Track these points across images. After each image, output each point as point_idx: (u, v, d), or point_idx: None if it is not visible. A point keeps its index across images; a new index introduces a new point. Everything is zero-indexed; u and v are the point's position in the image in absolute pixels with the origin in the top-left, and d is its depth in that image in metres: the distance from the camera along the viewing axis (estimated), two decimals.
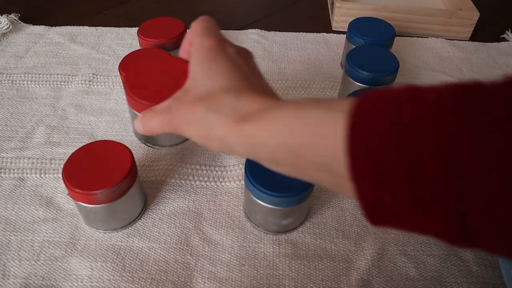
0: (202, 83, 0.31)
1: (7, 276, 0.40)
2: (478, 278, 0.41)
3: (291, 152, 0.25)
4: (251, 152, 0.28)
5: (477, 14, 0.72)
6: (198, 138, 0.31)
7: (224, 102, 0.29)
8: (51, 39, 0.71)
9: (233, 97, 0.29)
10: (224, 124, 0.28)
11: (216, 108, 0.29)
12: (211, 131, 0.29)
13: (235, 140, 0.28)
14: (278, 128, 0.26)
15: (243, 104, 0.29)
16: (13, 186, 0.48)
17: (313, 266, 0.42)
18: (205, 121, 0.29)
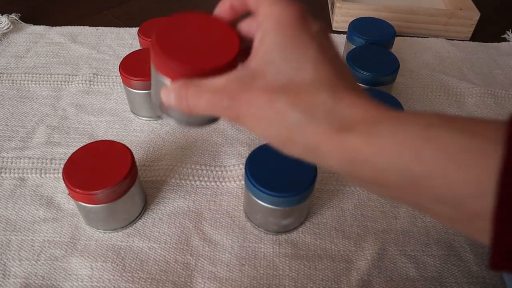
0: (281, 71, 0.25)
1: (8, 276, 0.40)
2: (478, 278, 0.41)
3: (410, 179, 0.21)
4: (350, 168, 0.23)
5: (477, 14, 0.72)
6: (273, 138, 0.26)
7: (317, 101, 0.24)
8: (52, 39, 0.71)
9: (328, 96, 0.24)
10: (317, 131, 0.23)
11: (305, 108, 0.24)
12: (296, 135, 0.24)
13: (331, 152, 0.23)
14: (398, 148, 0.21)
15: (343, 108, 0.23)
16: (13, 186, 0.48)
17: (313, 266, 0.42)
18: (288, 121, 0.24)
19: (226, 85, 0.26)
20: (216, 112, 0.27)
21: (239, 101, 0.26)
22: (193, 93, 0.27)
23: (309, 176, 0.40)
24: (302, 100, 0.24)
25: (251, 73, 0.26)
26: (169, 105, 0.29)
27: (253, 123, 0.26)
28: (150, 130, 0.56)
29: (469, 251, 0.43)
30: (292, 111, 0.24)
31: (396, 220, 0.46)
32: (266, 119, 0.25)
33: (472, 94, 0.63)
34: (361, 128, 0.22)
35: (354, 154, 0.23)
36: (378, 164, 0.22)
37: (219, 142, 0.54)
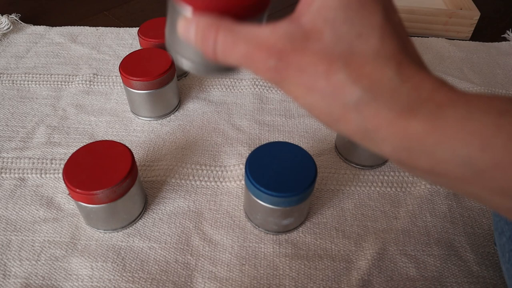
0: (341, 34, 0.21)
1: (8, 276, 0.40)
2: (478, 278, 0.41)
3: (474, 170, 0.19)
4: (405, 156, 0.21)
5: (477, 13, 0.72)
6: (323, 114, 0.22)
7: (382, 78, 0.21)
8: (52, 39, 0.71)
9: (394, 74, 0.21)
10: (378, 112, 0.21)
11: (369, 85, 0.21)
12: (353, 115, 0.21)
13: (389, 138, 0.21)
14: (465, 138, 0.19)
15: (410, 89, 0.21)
16: (13, 186, 0.48)
17: (313, 266, 0.42)
18: (347, 98, 0.21)
19: (273, 40, 0.22)
20: (254, 69, 0.23)
21: (289, 63, 0.21)
22: (225, 38, 0.22)
23: (309, 176, 0.40)
24: (366, 75, 0.21)
25: (305, 31, 0.22)
26: (188, 40, 0.24)
27: (302, 93, 0.22)
28: (150, 130, 0.56)
29: (470, 251, 0.43)
30: (353, 87, 0.21)
31: (396, 220, 0.46)
32: (320, 92, 0.21)
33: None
34: (425, 113, 0.20)
35: (414, 141, 0.20)
36: (440, 153, 0.20)
37: (219, 142, 0.54)
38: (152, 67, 0.53)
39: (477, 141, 0.19)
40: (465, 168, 0.19)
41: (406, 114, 0.20)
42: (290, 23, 0.22)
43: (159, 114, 0.57)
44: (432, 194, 0.48)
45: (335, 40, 0.21)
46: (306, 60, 0.21)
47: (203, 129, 0.56)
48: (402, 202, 0.48)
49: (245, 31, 0.22)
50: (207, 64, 0.26)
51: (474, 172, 0.19)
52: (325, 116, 0.22)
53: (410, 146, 0.20)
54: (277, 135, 0.55)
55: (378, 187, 0.49)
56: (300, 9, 0.23)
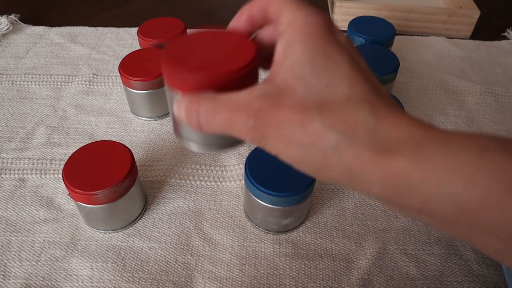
0: (311, 87, 0.22)
1: (8, 277, 0.40)
2: (479, 277, 0.41)
3: (461, 210, 0.19)
4: (394, 195, 0.21)
5: (477, 12, 0.72)
6: (305, 165, 0.23)
7: (357, 120, 0.21)
8: (51, 39, 0.71)
9: (368, 113, 0.21)
10: (359, 154, 0.21)
11: (344, 128, 0.21)
12: (334, 160, 0.21)
13: (374, 178, 0.21)
14: (448, 174, 0.19)
15: (386, 127, 0.21)
16: (13, 186, 0.48)
17: (313, 265, 0.42)
18: (324, 143, 0.21)
19: (250, 101, 0.23)
20: (237, 132, 0.23)
21: (266, 121, 0.22)
22: (206, 107, 0.23)
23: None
24: (341, 119, 0.21)
25: (278, 89, 0.23)
26: (181, 121, 0.26)
27: (283, 148, 0.22)
28: (150, 130, 0.56)
29: (470, 250, 0.43)
30: (329, 132, 0.21)
31: (396, 219, 0.46)
32: (299, 143, 0.22)
33: (472, 92, 0.63)
34: (407, 150, 0.20)
35: (399, 180, 0.20)
36: (426, 191, 0.20)
37: None
38: (152, 67, 0.53)
39: (459, 178, 0.19)
40: (452, 207, 0.19)
41: (387, 153, 0.20)
42: (265, 84, 0.23)
43: (159, 114, 0.57)
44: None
45: (307, 93, 0.22)
46: (281, 115, 0.22)
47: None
48: None
49: (224, 98, 0.23)
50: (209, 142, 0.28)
51: (460, 210, 0.19)
52: (308, 166, 0.22)
53: (397, 185, 0.20)
54: None
55: None
56: (273, 70, 0.24)
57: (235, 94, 0.23)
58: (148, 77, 0.52)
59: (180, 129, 0.28)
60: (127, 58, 0.55)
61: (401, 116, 0.21)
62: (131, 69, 0.53)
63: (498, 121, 0.59)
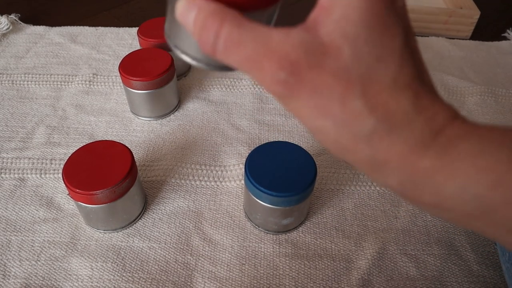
0: (361, 55, 0.19)
1: (8, 277, 0.40)
2: (479, 277, 0.41)
3: (483, 208, 0.19)
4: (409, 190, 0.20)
5: (477, 12, 0.72)
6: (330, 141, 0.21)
7: (398, 109, 0.19)
8: (51, 39, 0.71)
9: (410, 103, 0.19)
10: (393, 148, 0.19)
11: (384, 115, 0.19)
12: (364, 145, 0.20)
13: (398, 171, 0.20)
14: (477, 174, 0.18)
15: (423, 121, 0.19)
16: (13, 186, 0.48)
17: (313, 265, 0.42)
18: (360, 127, 0.19)
19: (286, 48, 0.19)
20: (259, 78, 0.20)
21: (302, 80, 0.19)
22: (230, 33, 0.19)
23: (309, 175, 0.40)
24: (382, 104, 0.19)
25: (322, 44, 0.19)
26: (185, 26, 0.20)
27: (312, 116, 0.20)
28: (150, 130, 0.55)
29: (470, 250, 0.43)
30: (368, 116, 0.19)
31: (396, 219, 0.46)
32: (333, 117, 0.19)
33: (472, 93, 0.63)
34: (437, 147, 0.19)
35: (422, 177, 0.19)
36: (449, 190, 0.19)
37: (219, 142, 0.54)
38: (151, 67, 0.53)
39: (489, 178, 0.18)
40: (474, 205, 0.19)
41: (419, 150, 0.19)
42: (306, 32, 0.20)
43: (158, 114, 0.57)
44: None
45: (355, 61, 0.19)
46: (321, 79, 0.19)
47: (203, 129, 0.56)
48: (402, 201, 0.48)
49: (254, 29, 0.19)
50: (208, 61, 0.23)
51: (484, 209, 0.18)
52: (332, 143, 0.20)
53: (417, 181, 0.19)
54: (277, 135, 0.55)
55: (378, 187, 0.49)
56: (316, 16, 0.20)
57: (269, 30, 0.19)
58: (148, 77, 0.52)
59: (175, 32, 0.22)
60: (127, 58, 0.55)
61: (439, 108, 0.20)
62: (131, 69, 0.53)
63: (498, 122, 0.59)
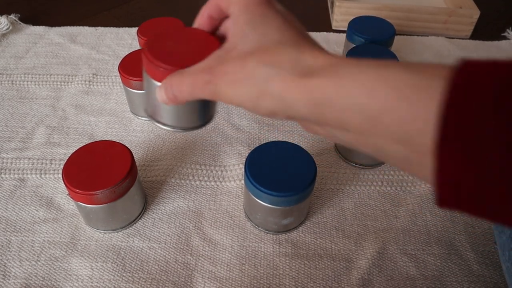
0: (251, 39, 0.28)
1: (8, 277, 0.40)
2: (479, 277, 0.41)
3: (367, 117, 0.22)
4: (316, 111, 0.25)
5: (477, 12, 0.72)
6: (246, 98, 0.27)
7: (283, 55, 0.26)
8: (51, 39, 0.71)
9: (293, 49, 0.26)
10: (285, 79, 0.25)
11: (273, 62, 0.26)
12: (266, 87, 0.26)
13: (297, 98, 0.25)
14: (356, 86, 0.23)
15: (307, 58, 0.26)
16: (13, 186, 0.48)
17: (313, 265, 0.42)
18: (258, 76, 0.26)
19: (205, 65, 0.29)
20: (197, 91, 0.29)
21: (216, 73, 0.28)
22: (176, 80, 0.30)
23: (309, 175, 0.40)
24: (272, 56, 0.26)
25: (226, 50, 0.29)
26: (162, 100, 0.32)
27: (229, 90, 0.27)
28: (150, 130, 0.55)
29: (470, 250, 0.43)
30: (262, 67, 0.26)
31: (396, 219, 0.46)
32: (240, 82, 0.27)
33: None
34: (323, 71, 0.24)
35: (319, 96, 0.24)
36: (340, 104, 0.23)
37: (219, 142, 0.54)
38: None
39: (364, 90, 0.22)
40: (361, 116, 0.23)
41: (307, 75, 0.25)
42: (218, 50, 0.30)
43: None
44: (432, 193, 0.48)
45: (247, 44, 0.28)
46: (228, 65, 0.28)
47: (203, 129, 0.56)
48: (402, 201, 0.48)
49: (189, 69, 0.30)
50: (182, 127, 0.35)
51: (368, 119, 0.22)
52: (249, 100, 0.27)
53: (317, 101, 0.24)
54: (277, 135, 0.55)
55: (378, 186, 0.49)
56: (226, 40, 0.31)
57: (196, 65, 0.30)
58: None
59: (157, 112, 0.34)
60: (127, 58, 0.55)
61: (322, 51, 0.26)
62: (131, 69, 0.53)
63: None
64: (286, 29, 0.28)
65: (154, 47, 0.32)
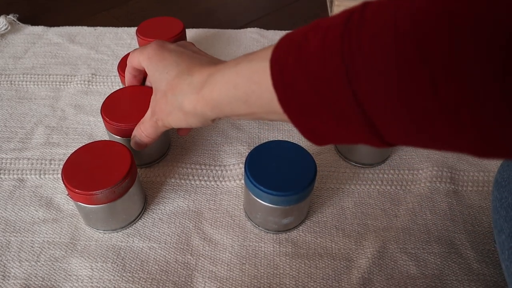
0: (161, 80, 0.38)
1: (7, 277, 0.40)
2: (479, 275, 0.41)
3: (243, 102, 0.30)
4: (217, 111, 0.33)
5: None
6: (179, 121, 0.37)
7: (183, 83, 0.36)
8: (50, 39, 0.71)
9: (187, 75, 0.36)
10: (190, 99, 0.35)
11: (179, 91, 0.36)
12: (184, 109, 0.35)
13: (203, 107, 0.34)
14: (226, 85, 0.31)
15: (197, 77, 0.35)
16: (12, 187, 0.48)
17: (313, 264, 0.42)
18: (176, 105, 0.36)
19: (151, 110, 0.41)
20: (157, 129, 0.41)
21: (158, 113, 0.39)
22: (143, 128, 0.43)
23: (309, 174, 0.40)
24: (177, 88, 0.36)
25: (154, 93, 0.40)
26: (141, 144, 0.45)
27: (169, 119, 0.38)
28: None
29: (470, 249, 0.43)
30: (175, 97, 0.36)
31: (396, 218, 0.46)
32: (171, 112, 0.37)
33: None
34: (207, 83, 0.33)
35: (213, 101, 0.32)
36: (226, 101, 0.31)
37: (219, 141, 0.54)
38: None
39: (231, 85, 0.30)
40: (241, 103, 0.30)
41: (200, 89, 0.34)
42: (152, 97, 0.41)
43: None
44: (432, 192, 0.48)
45: (161, 86, 0.38)
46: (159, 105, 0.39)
47: (203, 128, 0.56)
48: (402, 200, 0.48)
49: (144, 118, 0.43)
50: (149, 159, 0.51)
51: (244, 103, 0.30)
52: (183, 121, 0.37)
53: (214, 104, 0.33)
54: (277, 134, 0.55)
55: (378, 185, 0.49)
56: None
57: (146, 114, 0.43)
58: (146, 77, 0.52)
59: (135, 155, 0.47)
60: (126, 58, 0.55)
61: (205, 67, 0.35)
62: None
63: None
64: (179, 62, 0.38)
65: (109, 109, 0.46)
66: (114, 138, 0.47)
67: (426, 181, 0.49)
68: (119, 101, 0.47)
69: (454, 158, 0.52)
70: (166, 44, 0.40)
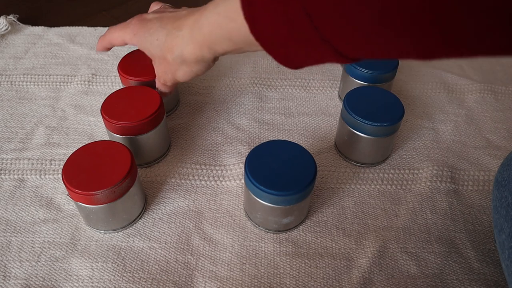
0: (154, 48, 0.43)
1: (8, 277, 0.40)
2: (479, 275, 0.41)
3: (229, 40, 0.34)
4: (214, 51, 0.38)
5: None
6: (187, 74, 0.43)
7: (175, 39, 0.40)
8: (50, 40, 0.71)
9: (176, 31, 0.40)
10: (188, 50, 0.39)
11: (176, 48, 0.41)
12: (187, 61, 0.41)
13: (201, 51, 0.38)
14: (212, 26, 0.35)
15: (185, 29, 0.39)
16: (13, 187, 0.48)
17: (314, 264, 0.42)
18: (179, 61, 0.42)
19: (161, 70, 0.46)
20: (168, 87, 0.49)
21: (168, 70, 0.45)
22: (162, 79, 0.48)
23: (309, 174, 0.40)
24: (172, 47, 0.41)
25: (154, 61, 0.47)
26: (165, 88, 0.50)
27: (176, 76, 0.45)
28: None
29: (470, 248, 0.43)
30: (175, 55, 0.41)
31: (396, 218, 0.46)
32: (174, 69, 0.44)
33: (472, 90, 0.63)
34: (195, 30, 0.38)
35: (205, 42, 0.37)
36: (214, 39, 0.36)
37: (219, 141, 0.54)
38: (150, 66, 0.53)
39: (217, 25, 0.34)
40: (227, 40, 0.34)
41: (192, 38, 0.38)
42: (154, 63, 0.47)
43: None
44: (433, 192, 0.48)
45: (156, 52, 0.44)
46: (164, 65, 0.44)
47: (203, 128, 0.56)
48: (403, 199, 0.48)
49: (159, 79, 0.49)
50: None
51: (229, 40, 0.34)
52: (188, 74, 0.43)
53: (207, 45, 0.37)
54: (277, 134, 0.55)
55: (378, 185, 0.49)
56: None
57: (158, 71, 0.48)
58: (147, 77, 0.52)
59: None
60: (126, 58, 0.55)
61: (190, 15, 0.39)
62: (130, 69, 0.53)
63: (497, 119, 0.59)
64: (164, 26, 0.42)
65: (109, 108, 0.47)
66: (114, 138, 0.47)
67: (427, 180, 0.49)
68: (119, 101, 0.47)
69: (454, 157, 0.52)
70: (144, 15, 0.45)
